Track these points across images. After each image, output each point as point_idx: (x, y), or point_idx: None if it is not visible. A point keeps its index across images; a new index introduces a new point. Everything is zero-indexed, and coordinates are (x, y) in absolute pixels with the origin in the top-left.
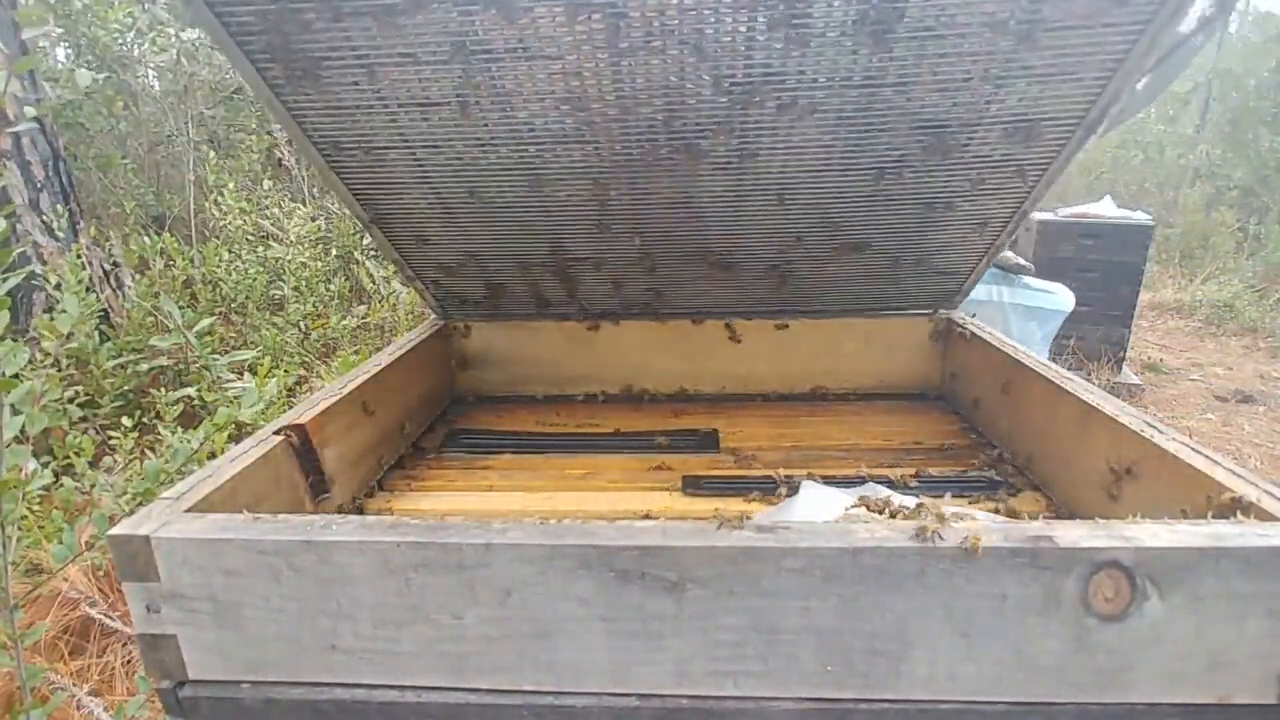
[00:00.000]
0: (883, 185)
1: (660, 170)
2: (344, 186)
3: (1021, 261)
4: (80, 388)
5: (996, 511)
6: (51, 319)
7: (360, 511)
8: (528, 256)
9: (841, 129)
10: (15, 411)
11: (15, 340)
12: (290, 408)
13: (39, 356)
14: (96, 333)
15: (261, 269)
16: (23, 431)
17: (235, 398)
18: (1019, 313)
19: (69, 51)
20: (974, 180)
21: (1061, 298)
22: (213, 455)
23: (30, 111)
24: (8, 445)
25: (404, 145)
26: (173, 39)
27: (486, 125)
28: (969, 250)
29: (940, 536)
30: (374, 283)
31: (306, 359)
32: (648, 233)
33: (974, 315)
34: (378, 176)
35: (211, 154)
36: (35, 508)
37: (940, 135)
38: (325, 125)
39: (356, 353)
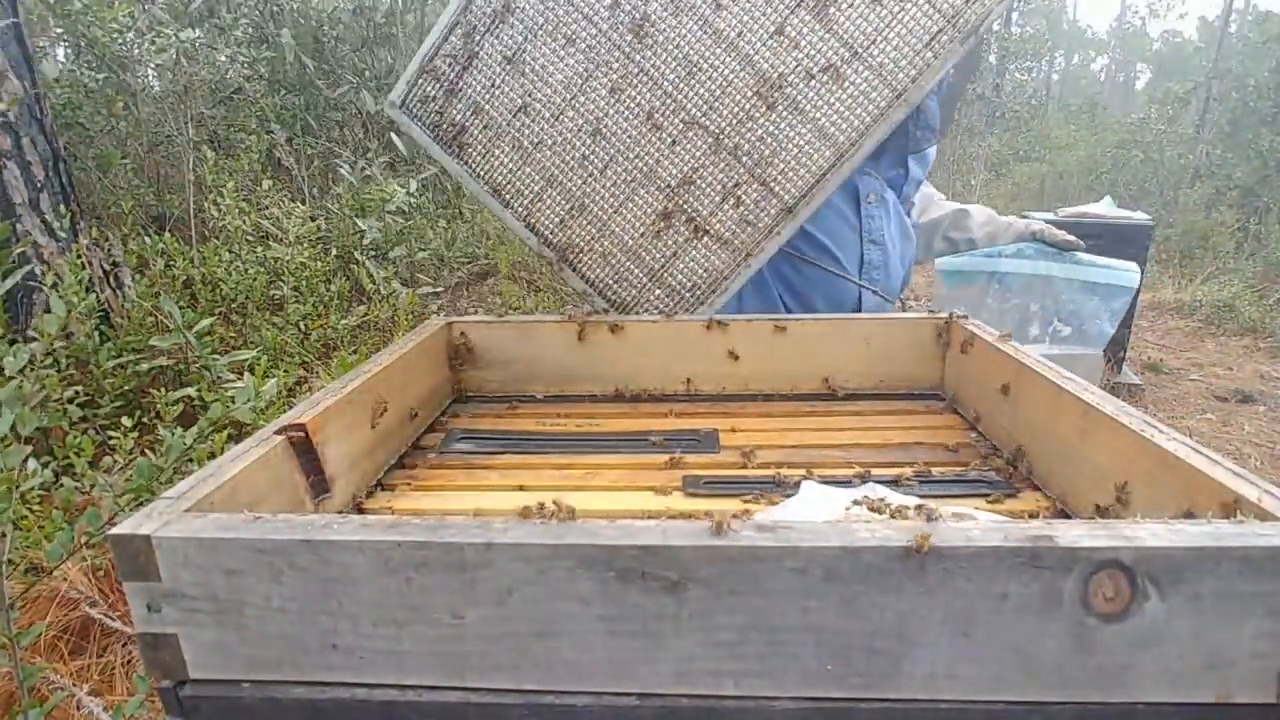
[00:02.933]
0: None
1: None
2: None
3: (1069, 237)
4: (80, 388)
5: (1015, 515)
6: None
7: (361, 511)
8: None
9: None
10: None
11: (15, 341)
12: (290, 408)
13: (39, 357)
14: (96, 333)
15: (261, 269)
16: (14, 430)
17: (231, 396)
18: (1075, 288)
19: (69, 51)
20: None
21: (1126, 274)
22: (212, 455)
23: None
24: (6, 445)
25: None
26: (172, 39)
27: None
28: None
29: (939, 530)
30: (374, 283)
31: (306, 359)
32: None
33: (960, 305)
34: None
35: (211, 154)
36: (35, 508)
37: None
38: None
39: (355, 353)
